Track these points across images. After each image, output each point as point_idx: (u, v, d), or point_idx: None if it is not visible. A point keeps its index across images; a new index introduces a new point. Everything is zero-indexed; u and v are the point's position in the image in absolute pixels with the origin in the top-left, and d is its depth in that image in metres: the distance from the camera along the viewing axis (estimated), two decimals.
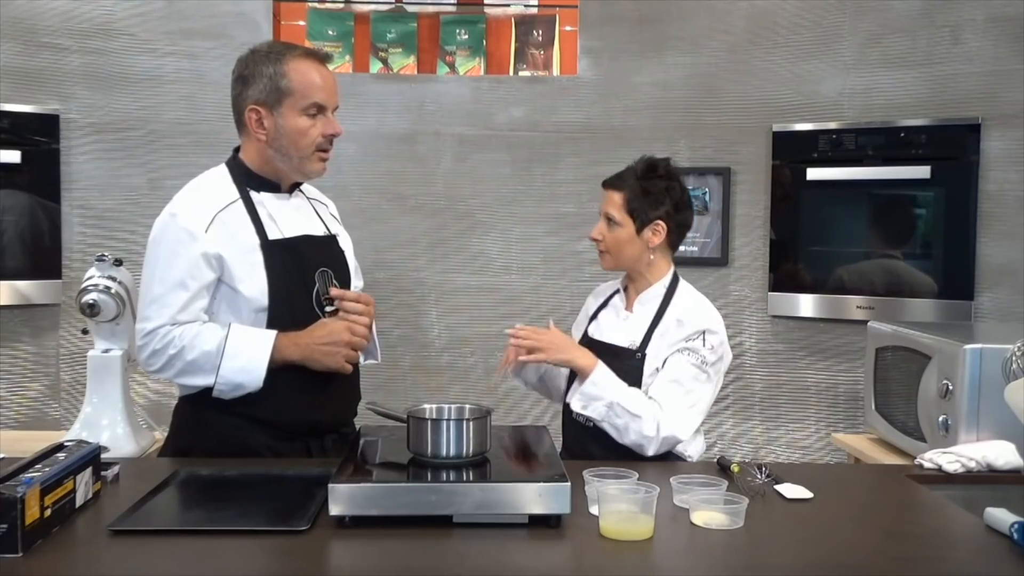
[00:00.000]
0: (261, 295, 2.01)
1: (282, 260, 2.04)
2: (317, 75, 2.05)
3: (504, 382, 3.80)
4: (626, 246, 2.18)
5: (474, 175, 3.80)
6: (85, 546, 1.49)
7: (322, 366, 2.02)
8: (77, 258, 3.63)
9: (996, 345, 2.30)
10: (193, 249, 2.00)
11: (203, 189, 2.11)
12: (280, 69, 2.02)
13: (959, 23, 3.45)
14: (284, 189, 2.15)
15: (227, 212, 2.05)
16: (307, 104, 2.03)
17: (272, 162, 2.09)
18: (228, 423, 2.05)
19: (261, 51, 2.07)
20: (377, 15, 3.95)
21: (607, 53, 3.78)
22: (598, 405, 2.05)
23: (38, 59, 3.61)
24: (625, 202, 2.16)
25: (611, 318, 2.25)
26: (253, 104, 2.04)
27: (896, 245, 3.60)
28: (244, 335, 2.00)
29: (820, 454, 3.71)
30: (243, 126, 2.09)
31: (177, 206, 2.08)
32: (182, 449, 2.10)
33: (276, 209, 2.11)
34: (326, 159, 2.10)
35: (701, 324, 2.12)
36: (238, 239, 2.02)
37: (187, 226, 2.02)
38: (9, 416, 3.57)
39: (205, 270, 2.00)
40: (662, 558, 1.49)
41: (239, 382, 1.99)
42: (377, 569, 1.44)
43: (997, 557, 1.49)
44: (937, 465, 2.05)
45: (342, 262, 2.19)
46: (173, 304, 1.99)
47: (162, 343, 2.00)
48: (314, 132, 2.05)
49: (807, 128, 3.64)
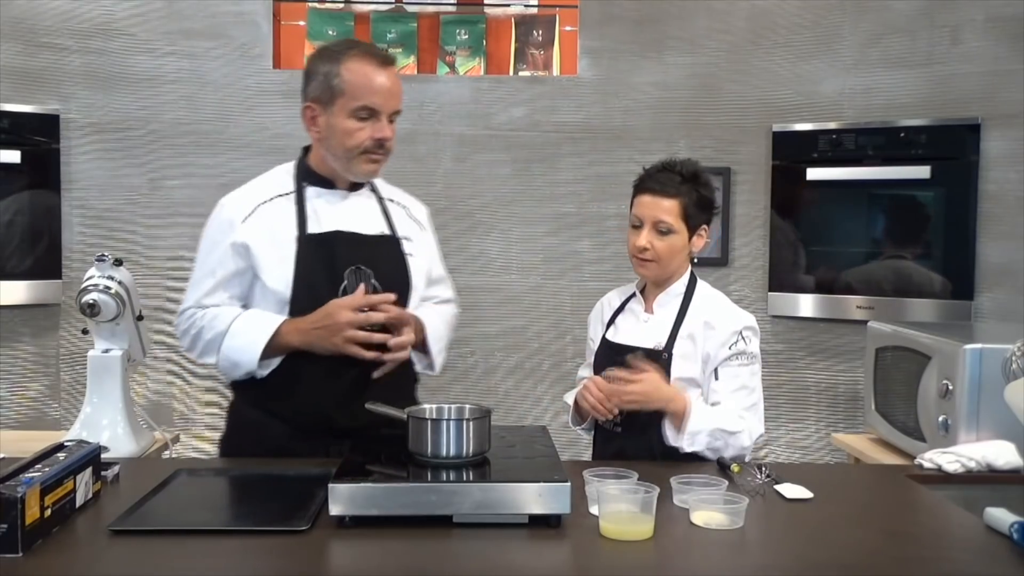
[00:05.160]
0: (285, 287, 2.02)
1: (313, 255, 2.03)
2: (373, 77, 2.00)
3: (503, 383, 3.80)
4: (678, 254, 2.13)
5: (474, 175, 3.80)
6: (85, 546, 1.49)
7: (324, 350, 1.98)
8: (77, 258, 3.63)
9: (996, 345, 2.30)
10: (227, 238, 2.06)
11: (259, 181, 2.15)
12: (335, 68, 2.00)
13: (959, 23, 3.45)
14: (340, 186, 2.12)
15: (272, 204, 2.08)
16: (357, 106, 1.99)
17: (326, 160, 2.09)
18: (251, 416, 2.08)
19: (327, 48, 2.07)
20: (377, 15, 3.95)
21: (607, 53, 3.78)
22: (700, 437, 2.02)
23: (38, 59, 3.61)
24: (683, 209, 2.09)
25: (631, 322, 2.22)
26: (309, 101, 2.04)
27: (897, 245, 3.60)
28: (252, 318, 2.03)
29: (820, 454, 3.71)
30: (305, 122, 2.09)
31: (227, 196, 2.14)
32: (230, 448, 2.15)
33: (325, 205, 2.09)
34: (376, 161, 2.05)
35: (734, 325, 2.11)
36: (275, 231, 2.04)
37: (227, 216, 2.08)
38: (9, 416, 3.57)
39: (231, 259, 2.05)
40: (662, 558, 1.49)
41: (235, 360, 2.02)
42: (377, 569, 1.44)
43: (997, 557, 1.49)
44: (937, 465, 2.05)
45: (394, 264, 2.12)
46: (201, 288, 2.08)
47: (188, 323, 2.09)
48: (361, 135, 2.01)
49: (807, 128, 3.64)
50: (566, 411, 2.30)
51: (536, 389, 3.81)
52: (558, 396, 3.71)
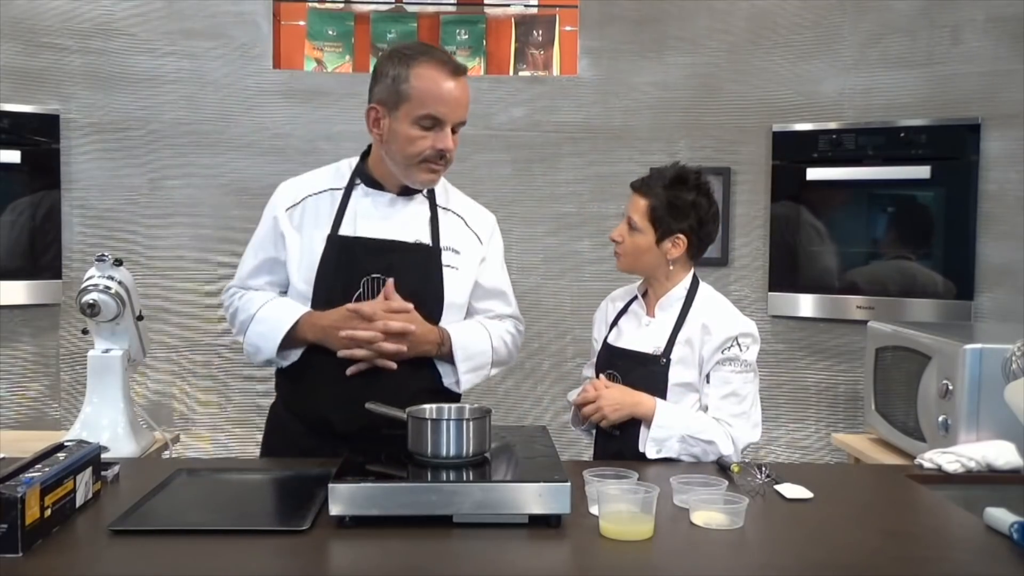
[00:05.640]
0: (307, 286, 2.03)
1: (336, 258, 2.02)
2: (442, 85, 1.95)
3: (503, 383, 3.80)
4: (644, 254, 2.14)
5: (474, 175, 3.79)
6: (85, 546, 1.49)
7: (332, 347, 1.99)
8: (77, 258, 3.63)
9: (996, 345, 2.30)
10: (271, 225, 2.09)
11: (319, 171, 2.16)
12: (405, 72, 1.95)
13: (959, 23, 3.45)
14: (390, 189, 2.09)
15: (318, 198, 2.08)
16: (423, 114, 1.95)
17: (383, 162, 2.06)
18: (282, 416, 2.13)
19: (399, 49, 2.03)
20: (377, 15, 3.95)
21: (607, 53, 3.78)
22: (671, 443, 2.01)
23: (38, 59, 3.61)
24: (649, 210, 2.11)
25: (632, 325, 2.22)
26: (375, 102, 2.01)
27: (897, 245, 3.60)
28: (279, 305, 2.06)
29: (820, 454, 3.71)
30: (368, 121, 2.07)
31: (285, 182, 2.15)
32: (266, 448, 2.18)
33: (367, 207, 2.07)
34: (436, 171, 2.03)
35: (730, 330, 2.09)
36: (314, 227, 2.05)
37: (277, 202, 2.11)
38: (9, 416, 3.57)
39: (269, 245, 2.09)
40: (662, 558, 1.49)
41: (257, 345, 2.06)
42: (377, 569, 1.44)
43: (997, 557, 1.49)
44: (937, 465, 2.05)
45: (426, 274, 2.06)
46: (245, 268, 2.14)
47: (228, 302, 2.16)
48: (423, 144, 1.97)
49: (807, 128, 3.64)
50: (568, 410, 2.30)
51: (536, 389, 3.81)
52: (558, 396, 3.71)
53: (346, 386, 1.99)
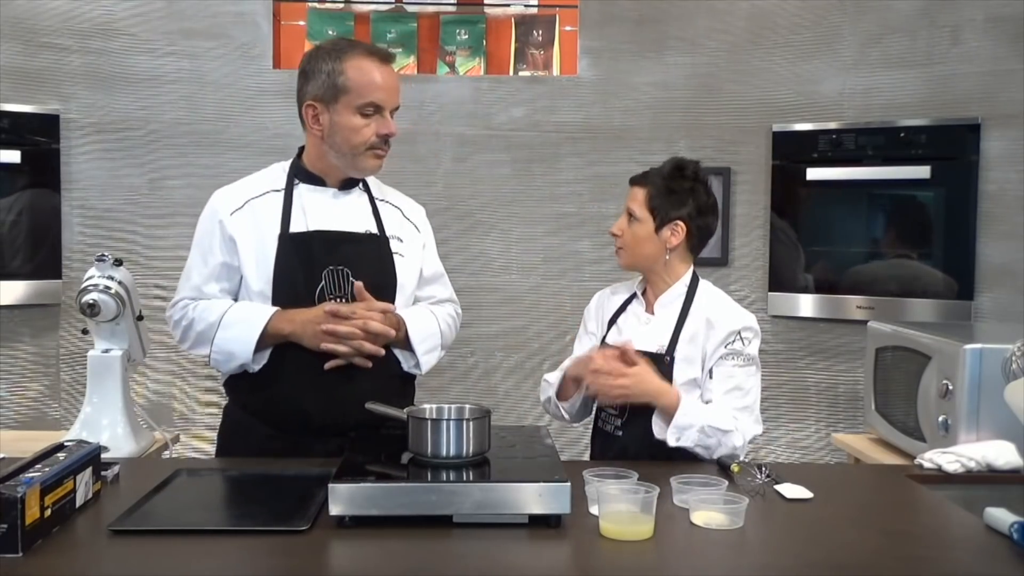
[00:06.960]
0: (266, 285, 2.04)
1: (293, 254, 2.04)
2: (376, 74, 2.03)
3: (503, 383, 3.80)
4: (644, 243, 2.15)
5: (474, 175, 3.80)
6: (85, 546, 1.49)
7: (308, 343, 2.00)
8: (77, 258, 3.63)
9: (996, 345, 2.30)
10: (216, 231, 2.08)
11: (254, 176, 2.17)
12: (339, 67, 2.02)
13: (959, 23, 3.45)
14: (331, 184, 2.13)
15: (261, 200, 2.09)
16: (363, 103, 2.02)
17: (325, 157, 2.10)
18: (236, 417, 2.13)
19: (324, 47, 2.08)
20: (377, 15, 3.95)
21: (607, 53, 3.78)
22: (690, 433, 2.01)
23: (38, 59, 3.61)
24: (648, 198, 2.14)
25: (632, 323, 2.22)
26: (311, 100, 2.05)
27: (897, 245, 3.60)
28: (244, 308, 2.05)
29: (820, 454, 3.71)
30: (303, 120, 2.10)
31: (220, 189, 2.15)
32: (222, 449, 2.20)
33: (313, 203, 2.10)
34: (381, 156, 2.10)
35: (733, 324, 2.10)
36: (262, 228, 2.06)
37: (218, 208, 2.10)
38: (9, 416, 3.57)
39: (219, 252, 2.07)
40: (662, 558, 1.49)
41: (230, 351, 2.04)
42: (377, 569, 1.44)
43: (997, 557, 1.49)
44: (937, 465, 2.05)
45: (379, 263, 2.12)
46: (193, 279, 2.11)
47: (180, 314, 2.12)
48: (368, 131, 2.04)
49: (807, 128, 3.64)
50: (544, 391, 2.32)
51: (536, 389, 3.79)
52: None
53: (321, 379, 2.02)
